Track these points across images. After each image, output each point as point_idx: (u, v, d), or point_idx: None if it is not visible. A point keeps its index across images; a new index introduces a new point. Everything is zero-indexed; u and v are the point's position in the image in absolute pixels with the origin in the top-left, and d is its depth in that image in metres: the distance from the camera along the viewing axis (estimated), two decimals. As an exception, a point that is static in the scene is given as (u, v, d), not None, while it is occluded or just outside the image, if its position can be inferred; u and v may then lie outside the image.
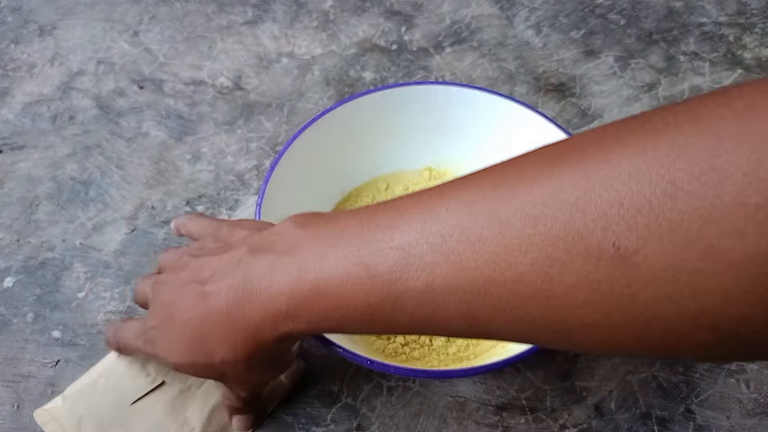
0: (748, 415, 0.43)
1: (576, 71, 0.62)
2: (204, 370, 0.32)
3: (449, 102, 0.48)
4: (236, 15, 0.66)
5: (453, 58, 0.63)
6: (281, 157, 0.43)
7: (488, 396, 0.44)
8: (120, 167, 0.54)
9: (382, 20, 0.66)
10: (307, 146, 0.45)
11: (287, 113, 0.58)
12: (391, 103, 0.47)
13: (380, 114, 0.48)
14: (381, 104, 0.47)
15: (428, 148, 0.51)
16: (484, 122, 0.48)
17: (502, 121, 0.47)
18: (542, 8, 0.67)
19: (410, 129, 0.50)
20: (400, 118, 0.49)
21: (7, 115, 0.57)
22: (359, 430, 0.42)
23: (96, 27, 0.64)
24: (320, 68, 0.62)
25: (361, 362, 0.36)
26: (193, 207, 0.52)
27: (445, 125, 0.49)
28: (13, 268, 0.48)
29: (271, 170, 0.42)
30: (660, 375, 0.44)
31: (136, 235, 0.50)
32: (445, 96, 0.48)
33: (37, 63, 0.61)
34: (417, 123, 0.49)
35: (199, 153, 0.55)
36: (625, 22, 0.66)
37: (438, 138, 0.50)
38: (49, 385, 0.43)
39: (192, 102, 0.59)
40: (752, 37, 0.65)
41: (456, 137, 0.50)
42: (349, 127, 0.47)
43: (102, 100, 0.59)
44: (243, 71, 0.61)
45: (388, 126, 0.49)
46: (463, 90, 0.47)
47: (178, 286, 0.32)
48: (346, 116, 0.46)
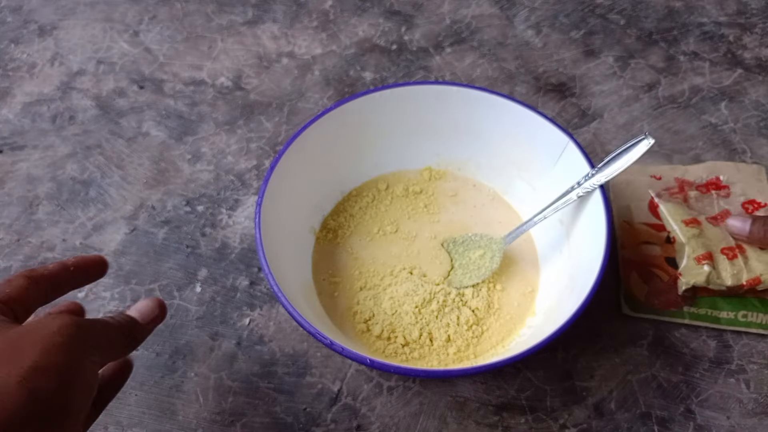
0: (748, 415, 0.43)
1: (576, 71, 0.62)
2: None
3: (449, 102, 0.48)
4: (236, 15, 0.66)
5: (453, 58, 0.63)
6: (281, 157, 0.43)
7: (488, 396, 0.44)
8: (120, 167, 0.54)
9: (382, 20, 0.66)
10: (308, 146, 0.45)
11: (287, 113, 0.58)
12: (391, 103, 0.47)
13: (380, 114, 0.48)
14: (381, 104, 0.47)
15: (428, 148, 0.51)
16: (485, 122, 0.48)
17: (502, 120, 0.47)
18: (542, 8, 0.67)
19: (410, 129, 0.50)
20: (400, 118, 0.49)
21: (7, 115, 0.57)
22: (359, 430, 0.42)
23: (96, 27, 0.64)
24: (320, 68, 0.62)
25: (362, 362, 0.36)
26: (193, 207, 0.52)
27: (445, 125, 0.49)
28: (13, 268, 0.48)
29: (270, 170, 0.42)
30: (660, 375, 0.44)
31: (136, 235, 0.50)
32: (445, 96, 0.48)
33: (37, 63, 0.61)
34: (417, 123, 0.49)
35: (199, 153, 0.55)
36: (625, 22, 0.66)
37: (438, 138, 0.50)
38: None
39: (192, 102, 0.59)
40: (752, 37, 0.65)
41: (456, 137, 0.50)
42: (349, 127, 0.47)
43: (102, 100, 0.59)
44: (243, 71, 0.61)
45: (387, 126, 0.49)
46: (463, 90, 0.47)
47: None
48: (346, 116, 0.46)
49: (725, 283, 0.46)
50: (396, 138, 0.50)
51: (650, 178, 0.53)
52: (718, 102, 0.60)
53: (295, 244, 0.46)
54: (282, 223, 0.43)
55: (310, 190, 0.47)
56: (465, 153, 0.51)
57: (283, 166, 0.43)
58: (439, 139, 0.51)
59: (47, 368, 0.27)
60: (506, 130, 0.48)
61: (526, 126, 0.47)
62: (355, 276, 0.47)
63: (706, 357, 0.45)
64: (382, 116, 0.48)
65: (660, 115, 0.59)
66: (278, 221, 0.43)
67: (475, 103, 0.47)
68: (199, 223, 0.51)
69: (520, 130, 0.47)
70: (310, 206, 0.48)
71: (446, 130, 0.50)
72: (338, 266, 0.48)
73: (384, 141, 0.50)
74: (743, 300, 0.47)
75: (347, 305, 0.45)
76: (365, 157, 0.50)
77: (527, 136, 0.47)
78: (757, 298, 0.47)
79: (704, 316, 0.47)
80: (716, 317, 0.46)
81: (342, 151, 0.48)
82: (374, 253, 0.48)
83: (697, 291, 0.47)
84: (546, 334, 0.37)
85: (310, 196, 0.48)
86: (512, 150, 0.49)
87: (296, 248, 0.46)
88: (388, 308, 0.45)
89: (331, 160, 0.48)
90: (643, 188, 0.52)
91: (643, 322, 0.47)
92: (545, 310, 0.45)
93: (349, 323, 0.45)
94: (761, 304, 0.47)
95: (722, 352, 0.46)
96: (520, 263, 0.48)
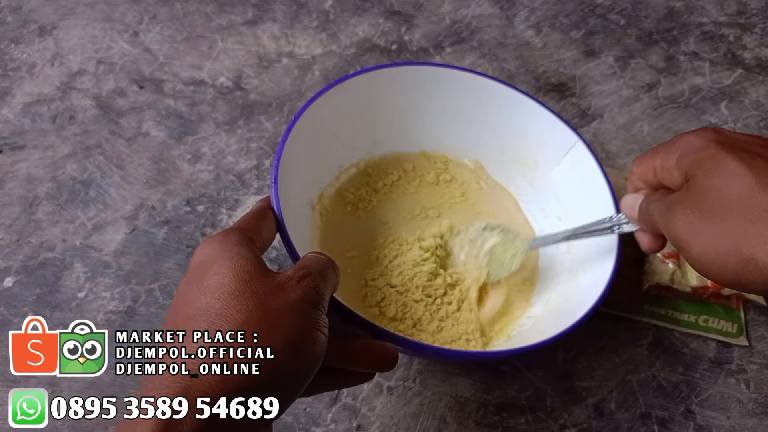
0: (748, 415, 0.43)
1: (576, 71, 0.62)
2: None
3: (447, 85, 0.48)
4: (236, 15, 0.66)
5: (453, 58, 0.63)
6: (293, 126, 0.41)
7: (488, 396, 0.44)
8: (120, 167, 0.54)
9: (382, 20, 0.66)
10: (321, 114, 0.44)
11: (287, 113, 0.58)
12: (388, 82, 0.47)
13: (389, 90, 0.47)
14: (394, 80, 0.47)
15: (424, 131, 0.51)
16: (483, 108, 0.48)
17: (499, 106, 0.48)
18: (542, 8, 0.67)
19: (410, 110, 0.49)
20: (402, 98, 0.48)
21: (7, 115, 0.57)
22: (359, 430, 0.42)
23: (96, 27, 0.64)
24: (320, 68, 0.62)
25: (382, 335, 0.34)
26: (193, 207, 0.52)
27: (442, 109, 0.49)
28: (13, 268, 0.48)
29: (282, 143, 0.40)
30: (660, 375, 0.44)
31: (136, 235, 0.51)
32: (444, 79, 0.47)
33: (37, 63, 0.61)
34: (418, 105, 0.49)
35: (199, 153, 0.55)
36: (625, 22, 0.66)
37: (434, 122, 0.50)
38: (49, 385, 0.43)
39: (192, 102, 0.59)
40: (752, 37, 0.65)
41: (453, 121, 0.50)
42: (357, 101, 0.46)
43: (102, 100, 0.59)
44: (243, 71, 0.61)
45: (388, 106, 0.48)
46: (461, 73, 0.47)
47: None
48: (360, 87, 0.45)
49: (690, 283, 0.46)
50: (391, 119, 0.49)
51: (625, 181, 0.53)
52: (718, 102, 0.60)
53: (297, 220, 0.44)
54: (289, 196, 0.41)
55: (313, 164, 0.46)
56: (461, 138, 0.51)
57: (295, 136, 0.41)
58: (434, 122, 0.50)
59: (290, 340, 0.28)
60: (504, 116, 0.48)
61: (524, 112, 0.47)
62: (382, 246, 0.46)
63: (706, 357, 0.45)
64: (390, 93, 0.47)
65: (660, 115, 0.59)
66: (286, 194, 0.40)
67: (473, 87, 0.47)
68: (199, 223, 0.51)
69: (517, 115, 0.47)
70: (310, 180, 0.47)
71: (443, 114, 0.49)
72: (359, 239, 0.46)
73: (380, 122, 0.49)
74: (708, 305, 0.47)
75: (359, 284, 0.45)
76: (369, 133, 0.49)
77: (524, 122, 0.48)
78: (722, 305, 0.47)
79: (665, 317, 0.46)
80: (676, 319, 0.46)
81: (351, 124, 0.47)
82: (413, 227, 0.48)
83: (661, 291, 0.47)
84: (551, 326, 0.37)
85: (313, 170, 0.46)
86: (508, 136, 0.49)
87: (300, 221, 0.44)
88: (399, 284, 0.44)
89: (337, 133, 0.47)
90: (618, 190, 0.52)
91: (644, 322, 0.47)
92: (543, 302, 0.45)
93: (360, 304, 0.44)
94: (725, 311, 0.47)
95: (722, 352, 0.46)
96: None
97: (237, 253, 0.30)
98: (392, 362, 0.33)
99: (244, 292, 0.29)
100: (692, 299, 0.47)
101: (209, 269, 0.30)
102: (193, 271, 0.31)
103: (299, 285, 0.30)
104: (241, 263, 0.30)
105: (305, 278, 0.30)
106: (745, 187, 0.29)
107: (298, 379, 0.28)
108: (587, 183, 0.45)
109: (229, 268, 0.29)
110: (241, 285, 0.29)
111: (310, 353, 0.28)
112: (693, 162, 0.32)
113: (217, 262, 0.30)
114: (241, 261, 0.30)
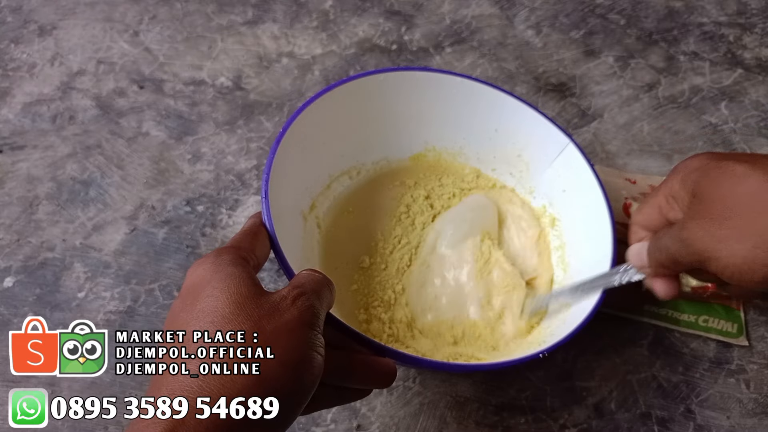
0: (748, 415, 0.43)
1: (576, 71, 0.62)
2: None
3: (436, 90, 0.47)
4: (236, 15, 0.66)
5: (453, 58, 0.63)
6: (281, 140, 0.41)
7: (488, 396, 0.44)
8: (120, 167, 0.54)
9: (382, 20, 0.66)
10: (303, 130, 0.43)
11: (287, 113, 0.58)
12: (377, 89, 0.47)
13: (370, 100, 0.47)
14: (383, 87, 0.47)
15: (415, 136, 0.51)
16: (476, 112, 0.48)
17: (491, 111, 0.48)
18: (542, 8, 0.67)
19: (399, 116, 0.49)
20: (391, 104, 0.48)
21: (7, 115, 0.57)
22: (359, 430, 0.42)
23: (96, 27, 0.64)
24: (320, 68, 0.62)
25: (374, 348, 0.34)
26: (193, 207, 0.52)
27: (435, 114, 0.49)
28: (13, 268, 0.48)
29: (272, 152, 0.41)
30: (660, 375, 0.44)
31: (136, 235, 0.51)
32: (433, 84, 0.47)
33: (37, 63, 0.61)
34: (407, 110, 0.49)
35: (199, 153, 0.55)
36: (625, 22, 0.66)
37: (427, 127, 0.50)
38: (49, 385, 0.43)
39: (192, 102, 0.59)
40: (752, 37, 0.65)
41: (446, 126, 0.50)
42: (348, 108, 0.46)
43: (102, 100, 0.59)
44: (243, 71, 0.61)
45: (377, 112, 0.48)
46: (449, 77, 0.47)
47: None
48: (348, 96, 0.45)
49: (690, 283, 0.46)
50: (384, 125, 0.49)
51: (625, 181, 0.53)
52: (718, 102, 0.60)
53: (290, 230, 0.44)
54: (280, 209, 0.41)
55: (304, 174, 0.46)
56: (455, 143, 0.51)
57: (284, 149, 0.41)
58: (428, 127, 0.50)
59: (287, 362, 0.28)
60: (497, 121, 0.48)
61: (518, 118, 0.47)
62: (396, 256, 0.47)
63: (706, 357, 0.45)
64: (380, 99, 0.47)
65: (660, 115, 0.59)
66: (277, 208, 0.40)
67: (466, 92, 0.47)
68: (199, 223, 0.51)
69: (510, 120, 0.47)
70: (301, 190, 0.46)
71: (436, 119, 0.49)
72: (357, 248, 0.47)
73: (372, 128, 0.49)
74: (708, 305, 0.47)
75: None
76: (359, 140, 0.49)
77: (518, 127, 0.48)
78: (722, 305, 0.47)
79: (665, 317, 0.46)
80: (676, 319, 0.46)
81: (340, 132, 0.47)
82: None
83: None
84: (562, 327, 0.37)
85: (304, 180, 0.46)
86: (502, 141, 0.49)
87: (292, 234, 0.44)
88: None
89: (327, 142, 0.46)
90: (618, 190, 0.52)
91: (644, 322, 0.47)
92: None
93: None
94: (725, 311, 0.47)
95: (722, 352, 0.46)
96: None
97: (230, 274, 0.30)
98: (390, 378, 0.33)
99: (238, 315, 0.28)
100: (692, 299, 0.47)
101: (202, 291, 0.29)
102: (186, 292, 0.30)
103: (294, 305, 0.29)
104: (234, 285, 0.29)
105: (300, 297, 0.30)
106: (754, 185, 0.30)
107: (296, 400, 0.28)
108: (580, 184, 0.46)
109: (223, 290, 0.29)
110: (235, 308, 0.28)
111: (308, 374, 0.28)
112: (698, 177, 0.33)
113: (210, 284, 0.30)
114: (235, 282, 0.29)
